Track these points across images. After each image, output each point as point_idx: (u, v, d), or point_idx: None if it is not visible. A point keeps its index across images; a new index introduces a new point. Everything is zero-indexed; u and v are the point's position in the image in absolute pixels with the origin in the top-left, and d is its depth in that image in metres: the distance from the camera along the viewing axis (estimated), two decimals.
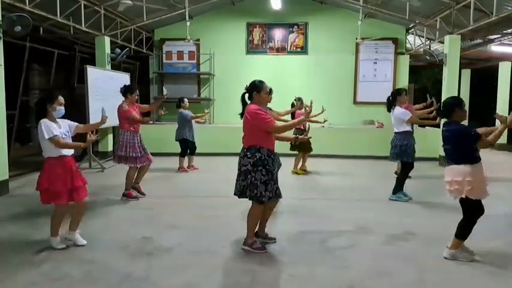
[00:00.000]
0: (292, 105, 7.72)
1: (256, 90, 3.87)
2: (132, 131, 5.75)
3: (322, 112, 7.35)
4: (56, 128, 3.80)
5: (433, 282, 3.34)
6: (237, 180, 3.86)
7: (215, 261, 3.68)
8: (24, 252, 3.84)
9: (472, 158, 3.60)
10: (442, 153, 8.89)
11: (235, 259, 3.75)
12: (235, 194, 3.88)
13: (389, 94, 6.18)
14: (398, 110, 5.91)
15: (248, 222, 3.93)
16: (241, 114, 3.96)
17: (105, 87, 8.46)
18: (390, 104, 6.01)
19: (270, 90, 3.98)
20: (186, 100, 8.22)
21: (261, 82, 3.91)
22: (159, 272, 3.46)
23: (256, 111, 3.76)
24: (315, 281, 3.33)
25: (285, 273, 3.50)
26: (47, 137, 3.71)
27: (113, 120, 5.65)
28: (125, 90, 5.83)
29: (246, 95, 3.93)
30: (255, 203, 3.82)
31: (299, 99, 7.59)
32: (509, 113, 3.70)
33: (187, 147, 8.14)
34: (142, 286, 3.23)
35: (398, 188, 5.96)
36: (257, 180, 3.70)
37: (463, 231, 3.66)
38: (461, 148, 3.64)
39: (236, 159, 3.90)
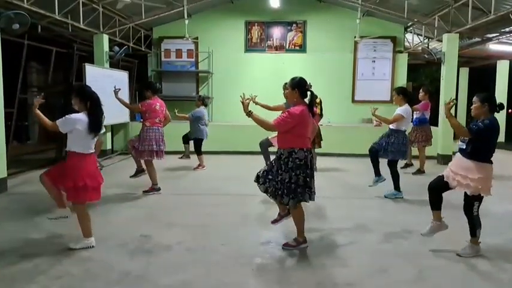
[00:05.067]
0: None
1: None
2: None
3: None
4: None
5: (432, 279, 3.35)
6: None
7: (214, 259, 3.69)
8: (22, 251, 3.83)
9: None
10: (441, 152, 9.08)
11: (234, 257, 3.75)
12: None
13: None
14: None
15: None
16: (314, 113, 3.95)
17: (103, 85, 8.41)
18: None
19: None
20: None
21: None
22: (157, 270, 3.46)
23: None
24: (314, 279, 3.34)
25: (283, 271, 3.50)
26: None
27: (110, 119, 5.64)
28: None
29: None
30: None
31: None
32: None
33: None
34: (141, 284, 3.23)
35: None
36: None
37: None
38: None
39: (235, 157, 3.90)
